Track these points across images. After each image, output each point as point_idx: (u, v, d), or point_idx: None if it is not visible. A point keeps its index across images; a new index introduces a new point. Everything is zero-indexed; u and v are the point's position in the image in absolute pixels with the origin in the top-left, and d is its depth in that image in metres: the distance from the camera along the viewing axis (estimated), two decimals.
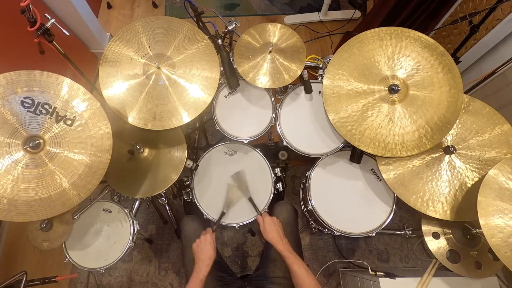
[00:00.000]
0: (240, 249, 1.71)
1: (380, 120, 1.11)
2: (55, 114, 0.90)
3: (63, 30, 1.05)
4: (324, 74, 1.23)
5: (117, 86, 1.08)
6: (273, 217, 1.11)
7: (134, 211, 1.44)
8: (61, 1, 1.66)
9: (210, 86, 1.11)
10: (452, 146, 1.11)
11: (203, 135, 1.80)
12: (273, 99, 1.33)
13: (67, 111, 0.92)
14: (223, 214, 1.22)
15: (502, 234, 0.92)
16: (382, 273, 1.20)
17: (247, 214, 1.25)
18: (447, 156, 1.13)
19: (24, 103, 0.88)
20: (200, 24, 1.26)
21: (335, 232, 1.24)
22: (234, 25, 1.23)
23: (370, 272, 1.20)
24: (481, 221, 0.93)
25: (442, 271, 1.25)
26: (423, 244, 1.68)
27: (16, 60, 1.49)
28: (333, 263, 1.65)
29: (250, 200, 1.23)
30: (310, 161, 1.33)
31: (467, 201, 1.08)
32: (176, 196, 1.69)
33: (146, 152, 1.19)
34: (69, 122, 0.91)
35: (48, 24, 1.00)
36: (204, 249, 1.02)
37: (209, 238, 1.05)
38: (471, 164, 1.11)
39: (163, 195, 1.62)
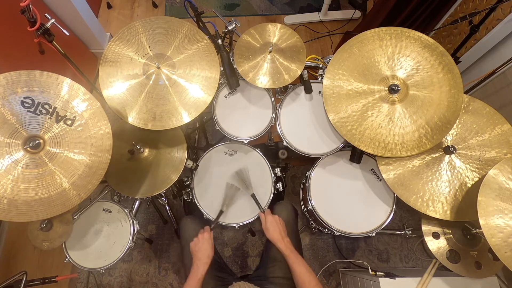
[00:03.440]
0: (240, 249, 1.71)
1: (380, 120, 1.10)
2: (55, 114, 0.90)
3: (63, 30, 1.05)
4: (324, 74, 1.23)
5: (117, 86, 1.08)
6: (275, 215, 1.11)
7: (134, 211, 1.44)
8: (61, 1, 1.66)
9: (210, 86, 1.11)
10: (452, 146, 1.11)
11: (203, 135, 1.80)
12: (273, 99, 1.33)
13: (67, 111, 0.92)
14: (221, 212, 1.22)
15: (502, 234, 0.92)
16: (382, 273, 1.20)
17: (247, 214, 1.25)
18: (447, 156, 1.13)
19: (24, 103, 0.88)
20: (200, 24, 1.26)
21: (335, 232, 1.24)
22: (234, 25, 1.23)
23: (370, 272, 1.20)
24: (481, 221, 0.93)
25: (442, 271, 1.25)
26: (423, 244, 1.68)
27: (16, 60, 1.49)
28: (333, 263, 1.65)
29: (253, 196, 1.22)
30: (310, 161, 1.33)
31: (467, 201, 1.08)
32: (176, 196, 1.69)
33: (146, 152, 1.19)
34: (69, 122, 0.91)
35: (48, 24, 0.99)
36: (202, 248, 1.02)
37: (206, 236, 1.05)
38: (471, 164, 1.11)
39: (163, 195, 1.61)
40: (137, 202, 1.48)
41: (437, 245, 1.23)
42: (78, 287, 1.63)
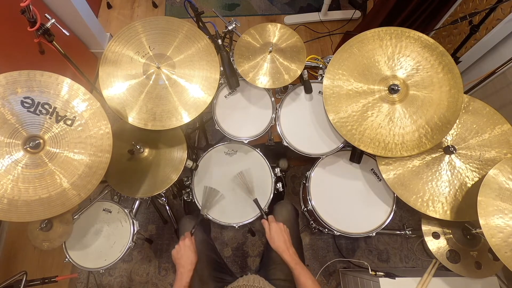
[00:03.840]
0: (240, 249, 1.71)
1: (380, 120, 1.10)
2: (55, 114, 0.90)
3: (63, 30, 1.05)
4: (324, 74, 1.23)
5: (117, 86, 1.08)
6: (279, 223, 1.06)
7: (134, 211, 1.44)
8: (61, 1, 1.66)
9: (210, 86, 1.11)
10: (452, 146, 1.11)
11: (203, 135, 1.80)
12: (273, 99, 1.33)
13: (67, 111, 0.92)
14: (201, 217, 1.20)
15: (502, 234, 0.92)
16: (382, 273, 1.20)
17: (247, 214, 1.25)
18: (447, 156, 1.13)
19: (24, 103, 0.88)
20: (200, 24, 1.26)
21: (335, 232, 1.24)
22: (234, 25, 1.23)
23: (370, 272, 1.20)
24: (481, 221, 0.93)
25: (442, 271, 1.25)
26: (423, 244, 1.68)
27: (16, 60, 1.49)
28: (333, 263, 1.65)
29: (256, 202, 1.20)
30: (310, 161, 1.33)
31: (467, 201, 1.08)
32: (176, 196, 1.69)
33: (146, 152, 1.19)
34: (69, 122, 0.91)
35: (48, 24, 0.99)
36: (185, 255, 0.99)
37: (188, 242, 1.01)
38: (471, 164, 1.11)
39: (163, 195, 1.61)
40: (137, 202, 1.48)
41: (437, 245, 1.23)
42: (78, 287, 1.63)
